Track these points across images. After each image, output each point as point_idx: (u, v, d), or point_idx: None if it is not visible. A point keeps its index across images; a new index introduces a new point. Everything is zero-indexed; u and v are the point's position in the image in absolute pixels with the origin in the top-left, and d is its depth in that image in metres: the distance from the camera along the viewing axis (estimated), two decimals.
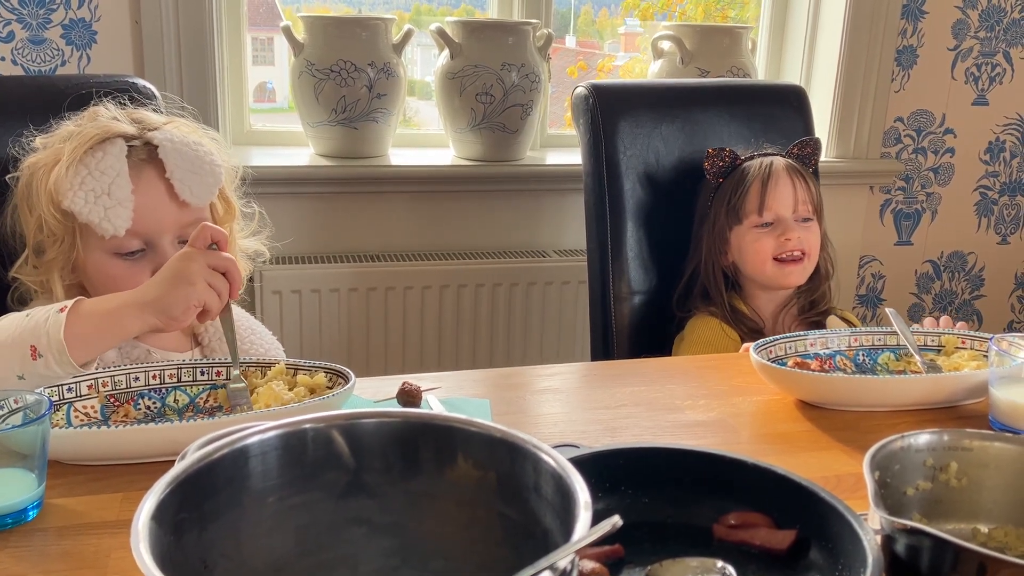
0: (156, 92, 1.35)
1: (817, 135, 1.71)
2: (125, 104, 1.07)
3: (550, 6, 2.09)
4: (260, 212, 1.18)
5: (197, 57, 1.79)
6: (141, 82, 1.34)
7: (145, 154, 1.00)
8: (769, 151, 1.52)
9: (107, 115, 1.04)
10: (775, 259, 1.45)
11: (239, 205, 1.13)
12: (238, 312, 1.18)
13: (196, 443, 0.54)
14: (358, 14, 2.13)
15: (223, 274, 0.90)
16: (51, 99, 1.22)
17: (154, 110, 1.11)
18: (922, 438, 0.72)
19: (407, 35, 1.92)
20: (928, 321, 1.23)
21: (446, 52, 1.95)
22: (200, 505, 0.50)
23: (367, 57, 1.86)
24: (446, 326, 1.98)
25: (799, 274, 1.47)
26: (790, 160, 1.50)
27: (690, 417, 1.01)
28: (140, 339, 1.05)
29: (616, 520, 0.45)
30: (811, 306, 1.52)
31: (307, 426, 0.54)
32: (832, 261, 1.56)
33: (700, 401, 1.05)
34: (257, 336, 1.16)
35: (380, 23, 1.89)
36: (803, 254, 1.46)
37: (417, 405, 1.00)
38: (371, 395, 1.02)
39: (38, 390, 0.85)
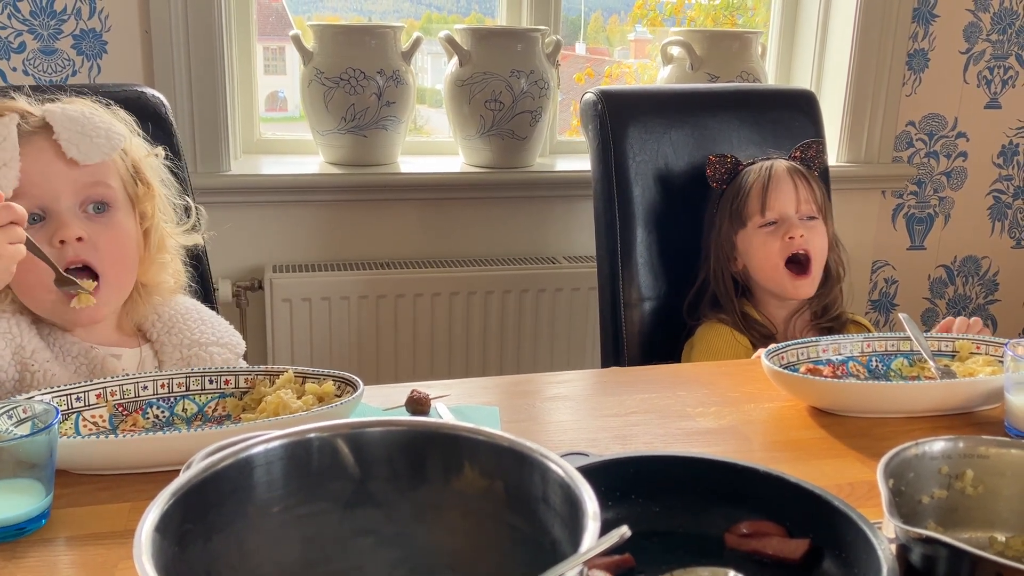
0: (165, 101, 1.35)
1: (828, 140, 1.70)
2: (39, 100, 1.06)
3: (559, 13, 2.09)
4: (197, 208, 1.17)
5: (207, 66, 1.79)
6: (151, 91, 1.35)
7: (39, 124, 1.00)
8: (772, 156, 1.52)
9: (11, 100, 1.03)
10: (787, 268, 1.44)
11: (165, 192, 1.10)
12: (188, 301, 1.15)
13: (201, 453, 0.53)
14: (367, 22, 2.13)
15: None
16: None
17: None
18: (937, 445, 0.71)
19: (416, 43, 1.92)
20: (960, 321, 1.21)
21: (455, 59, 1.95)
22: (204, 516, 0.50)
23: (376, 65, 1.86)
24: (456, 333, 1.97)
25: (808, 286, 1.46)
26: (792, 163, 1.49)
27: (701, 424, 1.00)
28: (76, 335, 1.03)
29: (624, 531, 0.44)
30: (824, 311, 1.51)
31: (312, 435, 0.53)
32: (843, 264, 1.55)
33: (711, 408, 1.04)
34: (208, 326, 1.11)
35: (389, 31, 1.89)
36: (808, 257, 1.44)
37: (426, 413, 0.99)
38: (380, 403, 1.02)
39: (46, 400, 0.85)
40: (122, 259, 1.04)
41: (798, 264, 1.45)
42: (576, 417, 1.04)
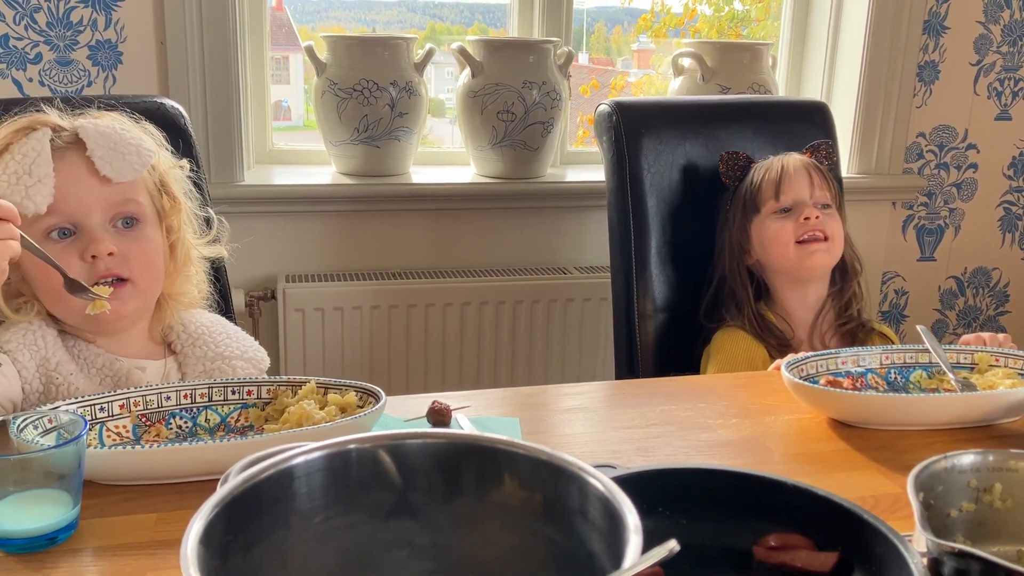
0: (184, 112, 1.36)
1: (839, 151, 1.70)
2: (69, 114, 1.07)
3: (570, 24, 2.10)
4: (219, 219, 1.17)
5: (221, 77, 1.80)
6: (169, 102, 1.35)
7: (71, 139, 1.01)
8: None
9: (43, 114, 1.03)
10: (798, 241, 1.43)
11: (190, 205, 1.11)
12: (213, 315, 1.16)
13: (239, 464, 0.54)
14: (380, 33, 2.14)
15: None
16: None
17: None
18: (966, 459, 0.71)
19: (429, 54, 1.93)
20: (990, 337, 1.20)
21: (467, 71, 1.95)
22: (245, 527, 0.50)
23: (389, 76, 1.87)
24: (467, 343, 1.97)
25: (823, 255, 1.44)
26: (806, 156, 1.51)
27: (722, 436, 1.00)
28: (101, 346, 1.03)
29: (673, 544, 0.44)
30: (845, 307, 1.50)
31: (352, 447, 0.54)
32: (859, 259, 1.54)
33: (732, 420, 1.04)
34: (233, 340, 1.11)
35: (402, 42, 1.90)
36: (826, 236, 1.44)
37: (447, 424, 0.99)
38: (400, 414, 1.02)
39: (71, 410, 0.85)
40: (151, 271, 1.04)
41: (812, 239, 1.43)
42: (595, 429, 1.04)
